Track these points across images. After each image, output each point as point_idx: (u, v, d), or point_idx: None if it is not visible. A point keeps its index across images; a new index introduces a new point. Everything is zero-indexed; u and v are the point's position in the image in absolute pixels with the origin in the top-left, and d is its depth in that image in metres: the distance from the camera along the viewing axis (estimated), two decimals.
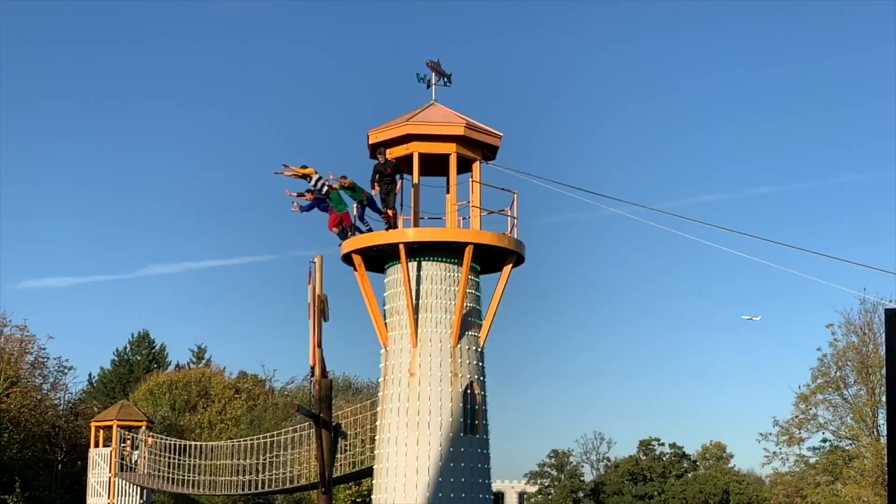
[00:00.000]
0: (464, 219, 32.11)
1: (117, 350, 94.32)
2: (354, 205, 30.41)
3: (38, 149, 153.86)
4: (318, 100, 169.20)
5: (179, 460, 57.15)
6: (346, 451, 48.72)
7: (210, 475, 56.69)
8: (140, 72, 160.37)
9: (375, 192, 30.46)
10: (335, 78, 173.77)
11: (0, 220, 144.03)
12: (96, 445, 59.39)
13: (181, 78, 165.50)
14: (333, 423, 22.28)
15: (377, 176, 30.50)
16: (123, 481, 58.04)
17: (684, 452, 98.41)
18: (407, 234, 30.84)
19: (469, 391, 30.93)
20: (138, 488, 58.23)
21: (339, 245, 30.42)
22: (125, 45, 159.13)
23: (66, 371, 77.53)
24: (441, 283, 31.16)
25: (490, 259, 31.93)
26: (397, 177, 30.92)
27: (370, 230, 30.71)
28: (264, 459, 54.21)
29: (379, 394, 32.27)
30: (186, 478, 56.84)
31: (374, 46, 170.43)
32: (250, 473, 55.04)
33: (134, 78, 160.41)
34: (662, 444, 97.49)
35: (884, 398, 64.76)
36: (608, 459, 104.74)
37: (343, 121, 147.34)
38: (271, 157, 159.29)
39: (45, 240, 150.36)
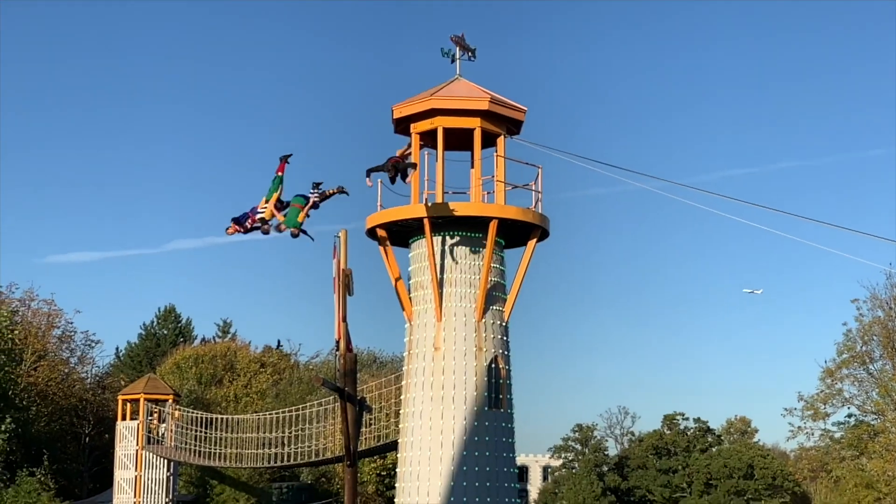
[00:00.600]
0: (488, 193, 32.11)
1: (144, 324, 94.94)
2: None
3: (65, 124, 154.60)
4: (343, 75, 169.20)
5: (206, 433, 57.56)
6: (370, 424, 48.96)
7: (236, 448, 57.08)
8: (167, 49, 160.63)
9: (370, 185, 27.94)
10: (359, 54, 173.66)
11: (26, 195, 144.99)
12: (123, 418, 59.84)
13: (207, 55, 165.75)
14: (358, 397, 22.37)
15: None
16: (150, 454, 58.50)
17: (709, 427, 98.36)
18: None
19: (493, 365, 31.02)
20: (165, 461, 58.68)
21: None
22: (150, 22, 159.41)
23: (93, 345, 78.20)
24: (465, 257, 31.21)
25: (514, 233, 31.94)
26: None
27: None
28: (290, 433, 54.52)
29: (404, 368, 32.41)
30: (213, 451, 57.25)
31: (398, 21, 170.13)
32: (276, 447, 55.38)
33: (160, 56, 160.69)
34: (687, 419, 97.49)
35: None
36: (632, 434, 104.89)
37: (367, 96, 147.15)
38: (296, 133, 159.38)
39: (72, 214, 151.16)
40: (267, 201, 24.18)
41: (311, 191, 24.00)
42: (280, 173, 24.28)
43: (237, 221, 24.44)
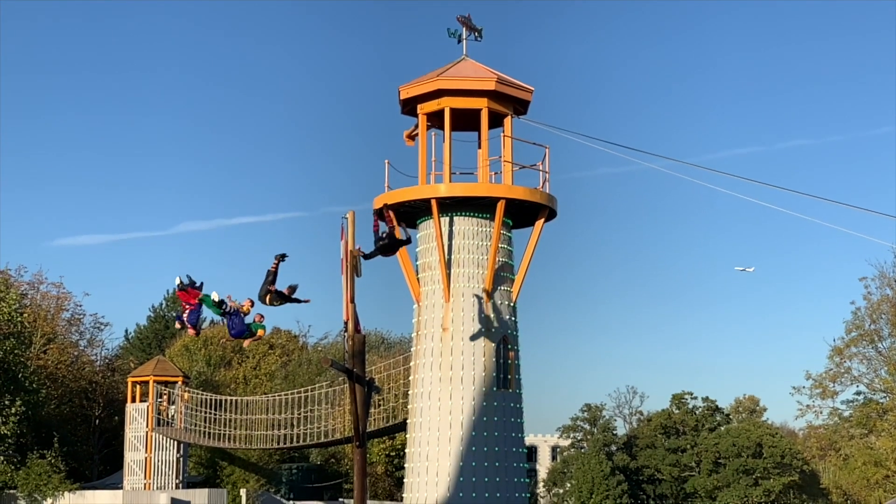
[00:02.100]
0: (496, 174, 32.11)
1: (153, 306, 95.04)
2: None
3: (73, 110, 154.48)
4: (350, 56, 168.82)
5: (215, 415, 57.72)
6: (379, 405, 49.07)
7: (245, 429, 57.26)
8: (170, 36, 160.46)
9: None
10: (365, 34, 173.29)
11: (35, 179, 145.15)
12: (133, 400, 60.02)
13: (212, 40, 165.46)
14: (367, 378, 22.42)
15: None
16: (160, 436, 58.69)
17: (717, 406, 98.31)
18: (439, 189, 30.88)
19: (502, 346, 31.07)
20: (175, 442, 58.87)
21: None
22: (148, 7, 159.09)
23: (102, 327, 78.28)
24: (473, 238, 31.23)
25: (522, 214, 31.94)
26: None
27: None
28: (299, 414, 54.68)
29: (412, 349, 32.46)
30: (222, 432, 57.44)
31: (404, 2, 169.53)
32: (285, 428, 55.55)
33: (163, 42, 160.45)
34: (695, 398, 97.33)
35: None
36: (641, 413, 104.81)
37: (374, 77, 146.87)
38: (305, 115, 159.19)
39: (80, 197, 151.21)
40: (236, 308, 24.02)
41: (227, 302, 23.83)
42: (197, 298, 23.97)
43: (192, 323, 24.32)
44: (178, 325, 24.51)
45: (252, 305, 23.64)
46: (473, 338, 30.61)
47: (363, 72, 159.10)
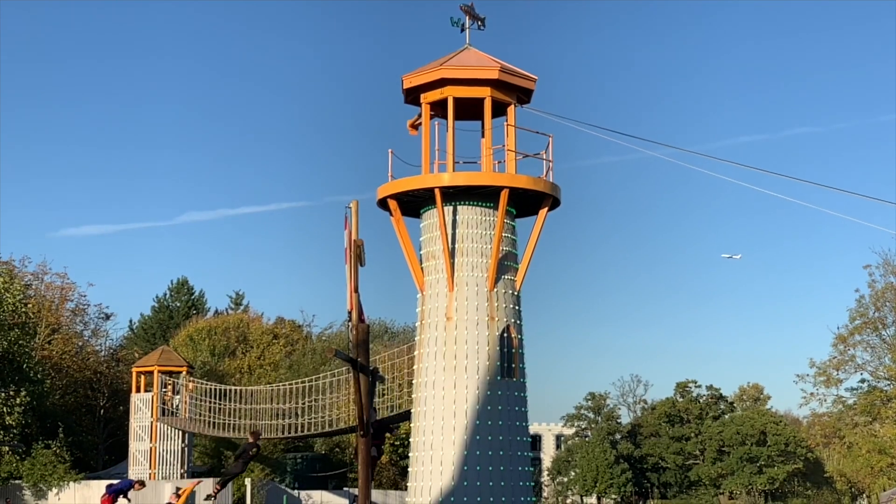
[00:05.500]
0: (499, 163, 32.08)
1: (157, 296, 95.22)
2: None
3: (77, 100, 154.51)
4: (352, 46, 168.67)
5: (220, 405, 57.80)
6: (383, 395, 49.14)
7: (250, 419, 57.35)
8: (173, 26, 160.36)
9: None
10: (368, 25, 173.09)
11: (39, 170, 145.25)
12: (138, 390, 60.09)
13: (215, 30, 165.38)
14: (371, 368, 22.43)
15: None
16: (165, 425, 58.78)
17: (721, 394, 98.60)
18: (442, 178, 30.86)
19: (506, 335, 31.05)
20: (180, 432, 58.97)
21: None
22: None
23: (106, 318, 78.50)
24: (477, 227, 31.22)
25: (526, 202, 31.92)
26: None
27: None
28: (303, 403, 54.75)
29: (416, 338, 32.47)
30: (227, 422, 57.53)
31: None
32: (290, 417, 55.64)
33: (166, 33, 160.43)
34: (699, 386, 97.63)
35: None
36: (645, 402, 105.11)
37: (377, 66, 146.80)
38: (306, 105, 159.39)
39: (84, 188, 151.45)
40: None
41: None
42: None
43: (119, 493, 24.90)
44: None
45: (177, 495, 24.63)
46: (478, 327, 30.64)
47: (366, 62, 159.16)
